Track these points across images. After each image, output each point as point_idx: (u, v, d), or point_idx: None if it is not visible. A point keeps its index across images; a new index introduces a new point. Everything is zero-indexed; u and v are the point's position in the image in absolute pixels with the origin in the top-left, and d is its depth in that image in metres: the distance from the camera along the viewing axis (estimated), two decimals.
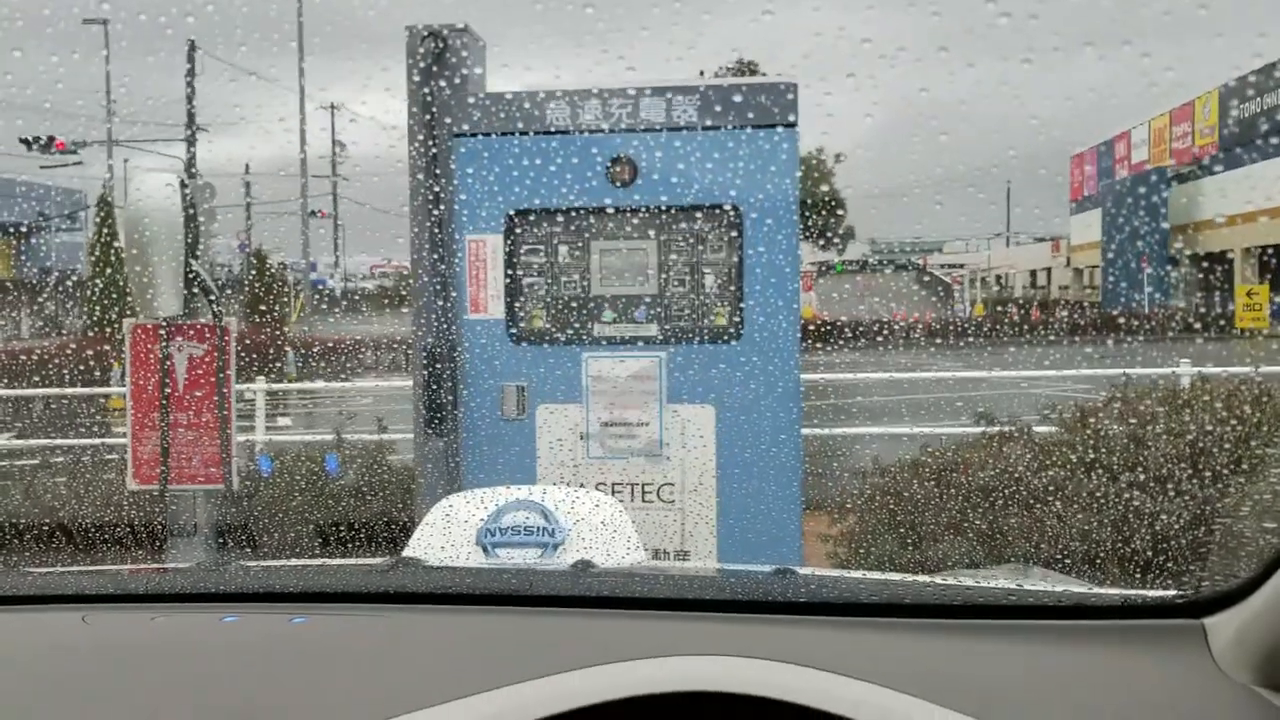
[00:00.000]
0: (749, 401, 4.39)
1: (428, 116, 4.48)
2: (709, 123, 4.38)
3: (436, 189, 4.50)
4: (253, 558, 4.72)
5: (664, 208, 4.45)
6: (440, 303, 4.52)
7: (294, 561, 2.67)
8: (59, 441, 8.95)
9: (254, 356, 17.55)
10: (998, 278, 56.42)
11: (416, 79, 4.49)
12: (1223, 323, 28.07)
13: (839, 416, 10.31)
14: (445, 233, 4.51)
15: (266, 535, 5.02)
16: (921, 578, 1.91)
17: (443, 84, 4.45)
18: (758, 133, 4.37)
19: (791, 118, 4.37)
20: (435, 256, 4.52)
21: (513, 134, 4.47)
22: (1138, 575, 4.08)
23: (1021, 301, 42.45)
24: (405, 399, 4.91)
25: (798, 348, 4.45)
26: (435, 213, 4.50)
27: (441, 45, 4.45)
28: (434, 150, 4.48)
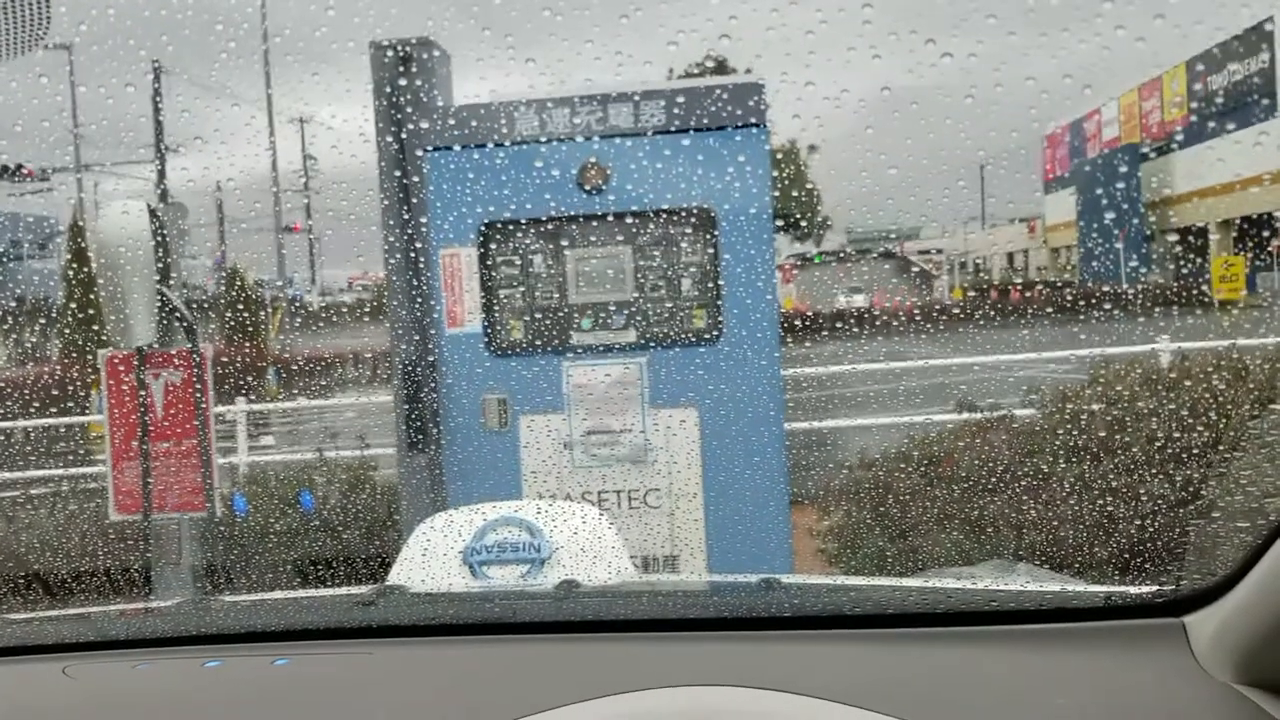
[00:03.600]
0: (731, 402, 4.40)
1: (394, 130, 4.46)
2: (678, 125, 4.38)
3: (406, 203, 4.48)
4: (235, 589, 4.69)
5: (637, 212, 4.45)
6: (417, 318, 4.50)
7: (277, 594, 2.65)
8: (40, 473, 8.87)
9: (234, 376, 17.46)
10: (975, 261, 56.60)
11: (381, 94, 4.47)
12: (1200, 295, 28.24)
13: (824, 409, 10.33)
14: (418, 247, 4.49)
15: (244, 576, 5.00)
16: (906, 581, 1.91)
17: (408, 97, 4.43)
18: (727, 133, 4.36)
19: (760, 117, 4.37)
20: (409, 271, 4.50)
21: (482, 145, 4.46)
22: (1118, 570, 4.10)
23: (1000, 284, 42.61)
24: (388, 412, 4.88)
25: (778, 346, 4.45)
26: (406, 227, 4.48)
27: (405, 59, 4.43)
28: (402, 164, 4.46)
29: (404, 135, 4.46)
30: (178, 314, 4.31)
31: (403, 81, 4.42)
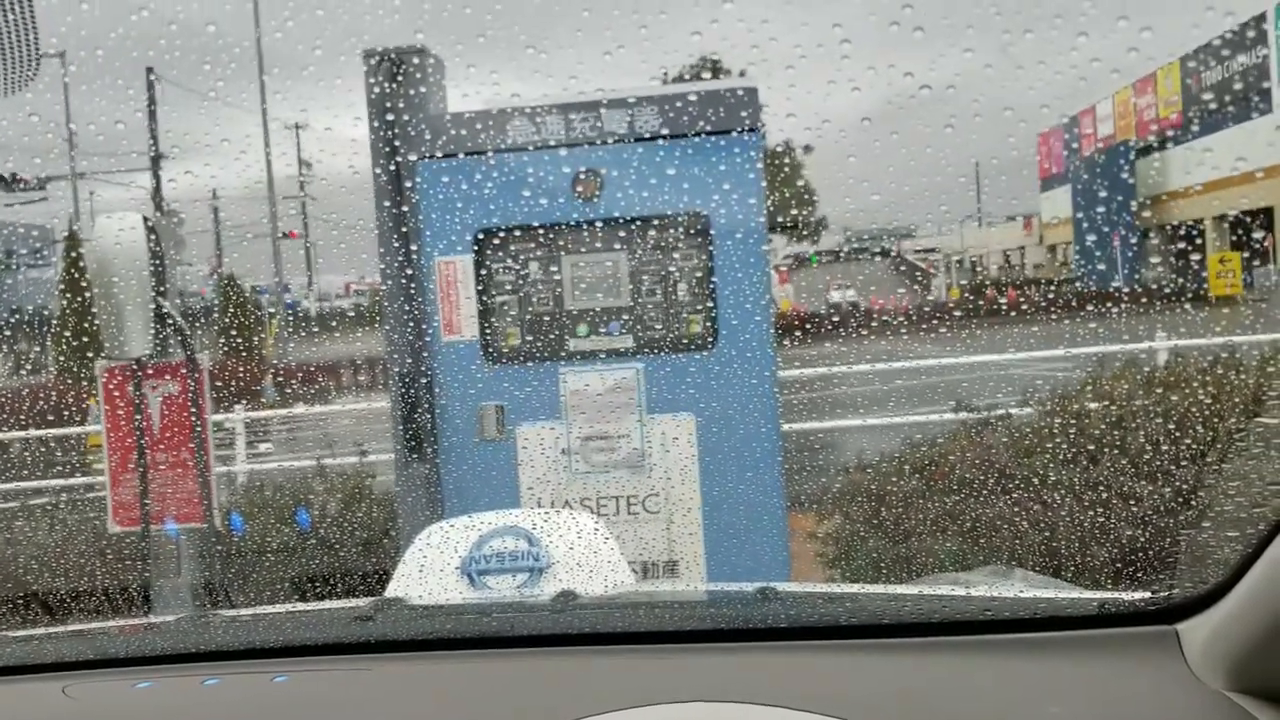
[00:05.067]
0: (727, 408, 4.40)
1: (388, 139, 4.46)
2: (671, 131, 4.38)
3: (401, 212, 4.48)
4: (234, 604, 4.69)
5: (631, 219, 4.46)
6: (413, 326, 4.50)
7: (276, 608, 2.65)
8: (39, 484, 8.87)
9: (232, 384, 17.45)
10: (972, 260, 56.62)
11: (375, 102, 4.47)
12: (1197, 292, 28.26)
13: (821, 410, 10.35)
14: (413, 255, 4.50)
15: (242, 592, 5.00)
16: (902, 589, 1.92)
17: (402, 106, 4.44)
18: (721, 139, 4.37)
19: (754, 122, 4.38)
20: (404, 280, 4.50)
21: (476, 153, 4.46)
22: (1112, 577, 4.12)
23: (997, 283, 42.64)
24: (385, 419, 4.89)
25: (772, 350, 4.46)
26: (401, 235, 4.48)
27: (399, 68, 4.44)
28: (396, 173, 4.47)
29: (398, 143, 4.46)
30: (175, 325, 4.31)
31: (397, 90, 4.43)
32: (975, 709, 1.26)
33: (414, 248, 4.49)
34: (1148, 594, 1.44)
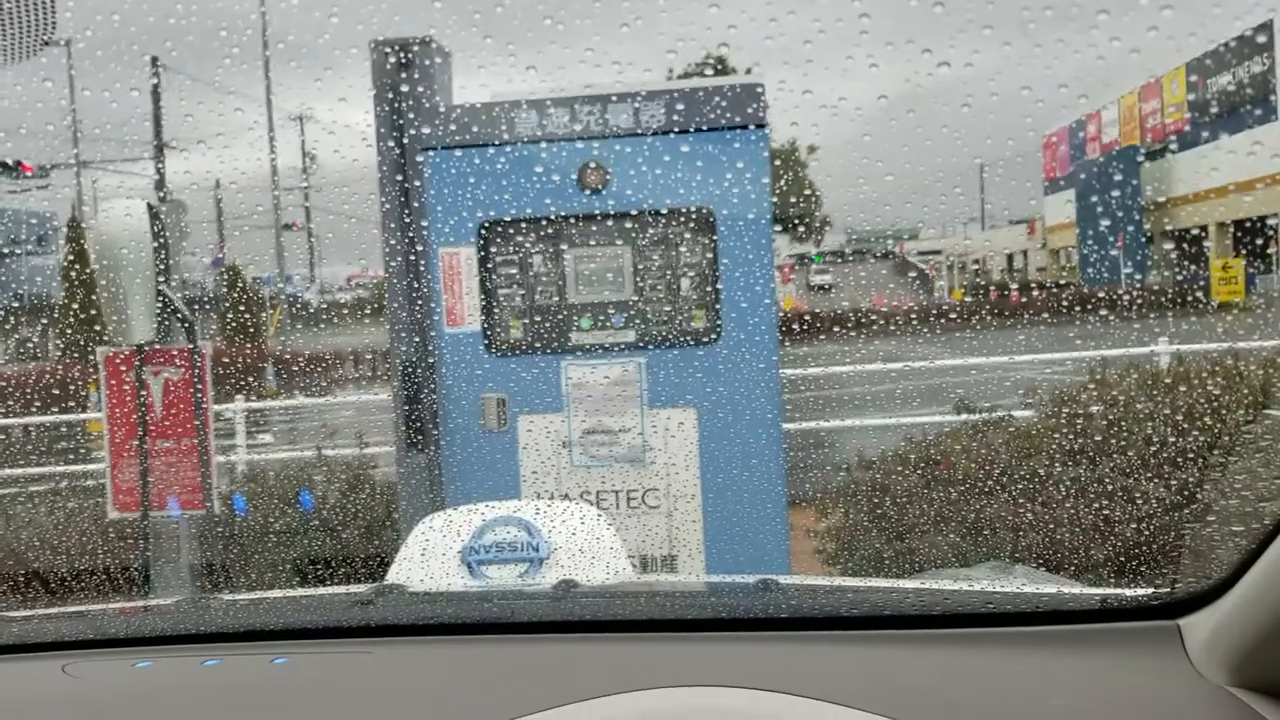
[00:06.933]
0: (730, 402, 4.40)
1: (394, 129, 4.46)
2: (678, 126, 4.38)
3: (405, 202, 4.48)
4: (234, 588, 4.70)
5: (636, 213, 4.45)
6: (416, 317, 4.50)
7: (276, 593, 2.65)
8: (40, 470, 8.87)
9: (233, 373, 17.47)
10: (975, 262, 56.56)
11: (382, 93, 4.47)
12: (1199, 297, 28.20)
13: (822, 409, 10.34)
14: (418, 246, 4.49)
15: (243, 575, 5.01)
16: (903, 583, 1.92)
17: (408, 96, 4.44)
18: (727, 134, 4.36)
19: (761, 118, 4.37)
20: (408, 270, 4.50)
21: (481, 144, 4.46)
22: (1114, 573, 4.11)
23: (999, 285, 42.59)
24: (387, 410, 4.89)
25: (776, 346, 4.46)
26: (405, 226, 4.48)
27: (405, 58, 4.43)
28: (402, 163, 4.46)
29: (404, 134, 4.46)
30: (177, 312, 4.31)
31: (403, 81, 4.42)
32: (976, 700, 1.26)
33: (419, 238, 4.49)
34: (1150, 589, 1.43)
